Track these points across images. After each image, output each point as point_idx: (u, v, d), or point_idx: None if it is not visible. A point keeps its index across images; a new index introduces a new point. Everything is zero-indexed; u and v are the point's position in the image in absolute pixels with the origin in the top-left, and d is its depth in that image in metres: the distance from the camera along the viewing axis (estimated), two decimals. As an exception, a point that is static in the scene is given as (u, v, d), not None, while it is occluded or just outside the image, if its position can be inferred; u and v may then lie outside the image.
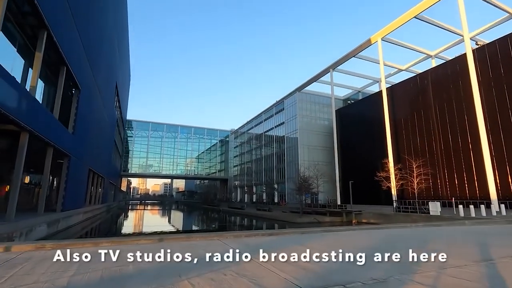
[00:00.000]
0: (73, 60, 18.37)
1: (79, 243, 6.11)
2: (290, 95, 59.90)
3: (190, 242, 6.53)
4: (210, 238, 6.92)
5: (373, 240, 7.58)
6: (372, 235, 8.20)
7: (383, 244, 7.15)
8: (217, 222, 36.05)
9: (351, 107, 53.24)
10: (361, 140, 48.49)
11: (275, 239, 7.20)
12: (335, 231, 8.88)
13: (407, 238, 8.34)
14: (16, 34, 13.84)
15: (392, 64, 47.51)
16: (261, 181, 68.15)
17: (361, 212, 28.32)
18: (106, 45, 32.75)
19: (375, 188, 43.19)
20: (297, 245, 6.36)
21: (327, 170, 47.05)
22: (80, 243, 6.13)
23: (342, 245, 5.74)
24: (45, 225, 15.60)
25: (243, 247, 5.68)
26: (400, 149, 39.63)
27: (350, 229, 9.13)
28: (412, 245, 7.00)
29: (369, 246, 6.40)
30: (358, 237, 7.91)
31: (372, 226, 10.24)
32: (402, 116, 40.52)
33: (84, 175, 26.19)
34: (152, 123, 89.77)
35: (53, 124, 16.02)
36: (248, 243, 6.54)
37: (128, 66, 70.40)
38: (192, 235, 7.12)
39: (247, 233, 7.64)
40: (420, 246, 6.72)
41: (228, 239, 6.97)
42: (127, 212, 57.67)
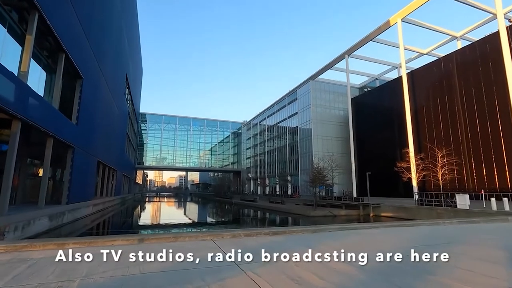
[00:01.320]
0: (72, 47, 17.53)
1: (38, 244, 5.09)
2: (303, 84, 57.79)
3: (177, 243, 5.42)
4: (202, 238, 5.78)
5: (409, 241, 6.12)
6: (403, 235, 6.80)
7: (425, 248, 5.73)
8: (227, 214, 35.27)
9: (368, 95, 50.66)
10: (379, 129, 46.10)
11: (280, 240, 5.96)
12: (353, 229, 7.52)
13: (448, 239, 6.81)
14: (7, 17, 13.02)
15: (413, 47, 44.44)
16: (274, 173, 66.95)
17: (380, 205, 26.59)
18: (112, 36, 32.01)
19: (394, 180, 41.07)
20: (307, 248, 5.07)
21: (342, 162, 45.15)
22: (40, 243, 5.10)
23: (368, 249, 4.41)
24: (46, 218, 15.05)
25: (239, 251, 4.44)
26: (421, 138, 37.18)
27: (373, 226, 7.76)
28: (465, 251, 5.47)
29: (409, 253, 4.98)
30: (386, 238, 6.53)
31: (399, 223, 8.79)
32: (424, 103, 37.89)
33: (92, 167, 25.79)
34: (165, 115, 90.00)
35: (51, 114, 15.29)
36: (246, 245, 5.32)
37: (139, 59, 70.17)
38: (182, 234, 5.98)
39: (247, 231, 6.45)
40: (481, 256, 5.21)
41: (224, 240, 5.81)
42: (141, 204, 58.16)
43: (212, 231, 6.63)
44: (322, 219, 25.25)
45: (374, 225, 8.31)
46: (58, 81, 16.26)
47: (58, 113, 16.04)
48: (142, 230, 21.93)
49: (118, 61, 37.49)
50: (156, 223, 27.10)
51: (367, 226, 7.98)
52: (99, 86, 26.41)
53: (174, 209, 47.54)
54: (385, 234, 6.99)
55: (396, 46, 42.38)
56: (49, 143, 15.65)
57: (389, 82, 46.13)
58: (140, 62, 73.00)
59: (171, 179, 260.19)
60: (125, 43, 41.75)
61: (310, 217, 26.07)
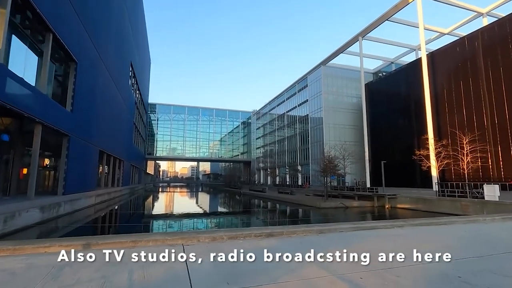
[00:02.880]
0: (61, 27, 16.27)
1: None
2: (314, 70, 55.26)
3: (133, 249, 4.08)
4: (171, 242, 4.44)
5: (453, 249, 4.50)
6: (439, 239, 5.21)
7: (483, 261, 4.13)
8: (232, 205, 34.19)
9: (383, 81, 47.82)
10: (394, 116, 43.54)
11: (274, 246, 4.53)
12: (371, 229, 5.96)
13: (507, 246, 5.14)
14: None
15: (433, 27, 41.15)
16: (284, 163, 65.41)
17: (396, 196, 24.71)
18: (112, 21, 30.70)
19: (410, 169, 38.83)
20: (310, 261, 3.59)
21: (355, 150, 43.07)
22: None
23: (402, 264, 2.91)
24: (36, 210, 14.14)
25: (211, 266, 2.98)
26: (441, 124, 34.60)
27: (396, 225, 6.16)
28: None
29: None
30: (417, 243, 4.96)
31: (427, 220, 7.14)
32: (445, 86, 35.09)
33: (93, 157, 25.00)
34: (173, 106, 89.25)
35: (36, 98, 14.18)
36: (225, 254, 3.88)
37: (146, 49, 69.03)
38: (144, 236, 4.61)
39: (232, 232, 5.03)
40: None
41: (199, 245, 4.45)
42: (150, 194, 58.06)
43: (186, 232, 5.26)
44: (333, 210, 23.67)
45: (396, 223, 6.70)
46: (45, 62, 15.10)
47: (45, 98, 14.95)
48: (141, 220, 21.01)
49: (121, 48, 36.32)
50: (156, 213, 26.25)
51: (388, 224, 6.39)
52: (98, 72, 25.30)
53: (180, 199, 46.97)
54: (415, 236, 5.43)
55: (414, 26, 39.34)
56: (37, 130, 14.64)
57: (406, 66, 43.17)
58: (147, 52, 71.91)
59: (183, 170, 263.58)
60: (128, 30, 40.49)
61: (320, 209, 24.54)
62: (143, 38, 60.79)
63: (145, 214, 24.46)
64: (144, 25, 61.35)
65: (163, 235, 4.74)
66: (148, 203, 37.85)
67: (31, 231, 12.58)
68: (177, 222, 19.85)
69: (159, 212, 28.69)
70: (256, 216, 22.31)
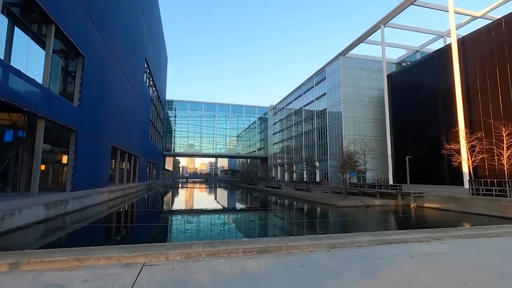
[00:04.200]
0: (65, 19, 15.74)
1: None
2: (332, 61, 52.85)
3: (75, 271, 3.06)
4: (128, 261, 3.38)
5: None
6: (505, 263, 3.75)
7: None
8: (244, 202, 33.14)
9: (407, 71, 44.71)
10: (419, 108, 40.64)
11: (266, 270, 3.30)
12: (400, 242, 4.48)
13: None
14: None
15: (463, 10, 37.68)
16: (301, 159, 63.64)
17: (423, 195, 22.62)
18: (124, 16, 30.34)
19: (437, 165, 36.11)
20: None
21: (376, 145, 40.70)
22: None
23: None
24: (40, 207, 13.77)
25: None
26: (474, 116, 31.62)
27: (434, 237, 4.65)
28: None
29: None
30: (469, 264, 3.57)
31: (473, 231, 5.55)
32: (478, 74, 31.96)
33: (104, 153, 24.79)
34: (190, 102, 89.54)
35: (38, 92, 13.70)
36: (195, 279, 2.72)
37: (162, 46, 69.13)
38: (94, 252, 3.54)
39: (213, 248, 3.86)
40: None
41: (166, 265, 3.36)
42: (167, 190, 58.43)
43: (153, 245, 4.14)
44: (352, 209, 22.00)
45: (433, 234, 5.20)
46: (48, 55, 14.59)
47: (47, 92, 14.47)
48: (149, 217, 20.44)
49: (135, 44, 36.08)
50: (166, 210, 25.70)
51: (423, 237, 4.90)
52: (108, 66, 24.94)
53: (193, 195, 46.64)
54: (462, 255, 3.94)
55: (443, 10, 36.16)
56: (40, 125, 14.21)
57: (433, 54, 39.96)
58: (163, 49, 72.12)
59: (202, 166, 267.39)
60: (142, 26, 40.24)
61: (338, 208, 22.95)
62: (159, 35, 60.80)
63: (155, 211, 23.97)
64: (159, 22, 61.32)
65: (121, 250, 3.71)
66: (162, 199, 37.71)
67: (29, 230, 12.12)
68: (180, 219, 19.09)
69: (169, 208, 28.21)
70: (265, 216, 21.01)
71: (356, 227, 15.39)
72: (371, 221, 17.35)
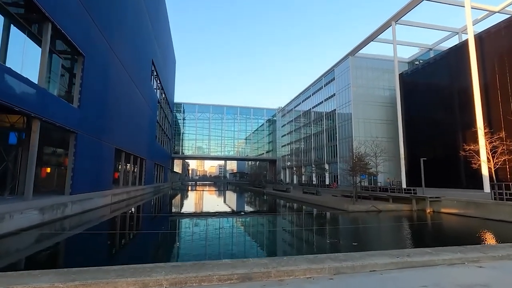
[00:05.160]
0: (62, 17, 15.30)
1: None
2: (341, 61, 51.57)
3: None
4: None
5: None
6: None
7: None
8: (249, 206, 32.00)
9: (420, 70, 43.00)
10: (433, 109, 38.94)
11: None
12: (425, 266, 3.41)
13: None
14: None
15: (480, 5, 35.90)
16: (310, 161, 62.30)
17: (439, 199, 21.17)
18: (128, 16, 30.08)
19: (453, 168, 34.36)
20: None
21: (388, 147, 39.19)
22: None
23: None
24: (34, 211, 13.21)
25: None
26: (493, 115, 29.84)
27: (467, 259, 3.60)
28: None
29: None
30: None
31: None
32: (498, 71, 30.20)
33: (107, 155, 24.35)
34: (198, 104, 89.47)
35: (32, 91, 13.21)
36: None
37: (170, 48, 69.28)
38: (19, 280, 2.64)
39: (179, 275, 2.96)
40: None
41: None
42: (174, 192, 58.01)
43: (96, 270, 3.24)
44: (363, 215, 20.74)
45: (468, 253, 4.09)
46: (44, 54, 14.13)
47: (43, 92, 13.98)
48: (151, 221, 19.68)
49: (140, 45, 35.87)
50: (169, 214, 24.93)
51: (455, 258, 3.78)
52: (111, 67, 24.58)
53: (198, 198, 45.85)
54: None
55: (458, 5, 34.60)
56: (35, 127, 13.71)
57: (448, 51, 38.22)
58: (171, 52, 72.30)
59: (212, 169, 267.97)
60: (148, 28, 40.10)
61: (348, 212, 21.72)
62: (166, 37, 60.83)
63: (156, 216, 23.23)
64: (167, 24, 61.41)
65: (57, 276, 2.85)
66: (167, 202, 37.12)
67: (17, 237, 11.50)
68: (175, 223, 18.29)
69: (171, 211, 27.22)
70: (266, 222, 19.78)
71: (368, 236, 13.90)
72: (384, 229, 15.99)
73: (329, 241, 12.19)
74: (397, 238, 12.87)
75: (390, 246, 11.49)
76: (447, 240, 12.93)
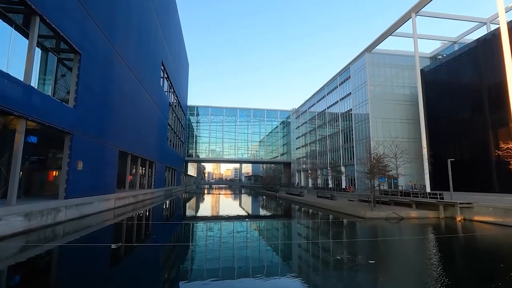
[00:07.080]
0: (52, 10, 14.43)
1: None
2: (357, 58, 49.13)
3: None
4: None
5: None
6: None
7: None
8: (257, 212, 29.92)
9: (443, 65, 39.93)
10: (459, 106, 35.93)
11: None
12: None
13: None
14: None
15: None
16: (325, 164, 59.81)
17: (471, 205, 18.64)
18: (133, 14, 29.46)
19: (483, 170, 31.24)
20: None
21: (409, 148, 36.40)
22: None
23: None
24: (18, 217, 12.25)
25: None
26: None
27: None
28: None
29: None
30: None
31: None
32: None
33: (110, 157, 23.51)
34: (211, 107, 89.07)
35: (17, 88, 12.30)
36: None
37: (182, 50, 69.23)
38: None
39: None
40: None
41: None
42: (187, 196, 57.24)
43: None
44: (383, 223, 18.53)
45: None
46: (30, 49, 13.25)
47: (29, 89, 13.06)
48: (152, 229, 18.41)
49: (148, 45, 35.28)
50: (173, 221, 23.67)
51: None
52: (114, 67, 23.80)
53: (207, 202, 44.57)
54: None
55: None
56: (20, 127, 12.79)
57: (475, 44, 35.09)
58: (184, 54, 72.30)
59: (228, 172, 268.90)
60: (157, 28, 39.62)
61: (365, 220, 19.56)
62: (178, 40, 60.65)
63: (160, 223, 21.98)
64: (179, 27, 61.25)
65: None
66: (178, 207, 36.04)
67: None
68: (179, 231, 16.86)
69: (174, 216, 25.91)
70: (269, 232, 17.66)
71: (389, 253, 11.19)
72: (409, 244, 12.93)
73: (339, 257, 10.26)
74: (426, 258, 9.83)
75: (415, 270, 9.14)
76: (495, 259, 10.06)
